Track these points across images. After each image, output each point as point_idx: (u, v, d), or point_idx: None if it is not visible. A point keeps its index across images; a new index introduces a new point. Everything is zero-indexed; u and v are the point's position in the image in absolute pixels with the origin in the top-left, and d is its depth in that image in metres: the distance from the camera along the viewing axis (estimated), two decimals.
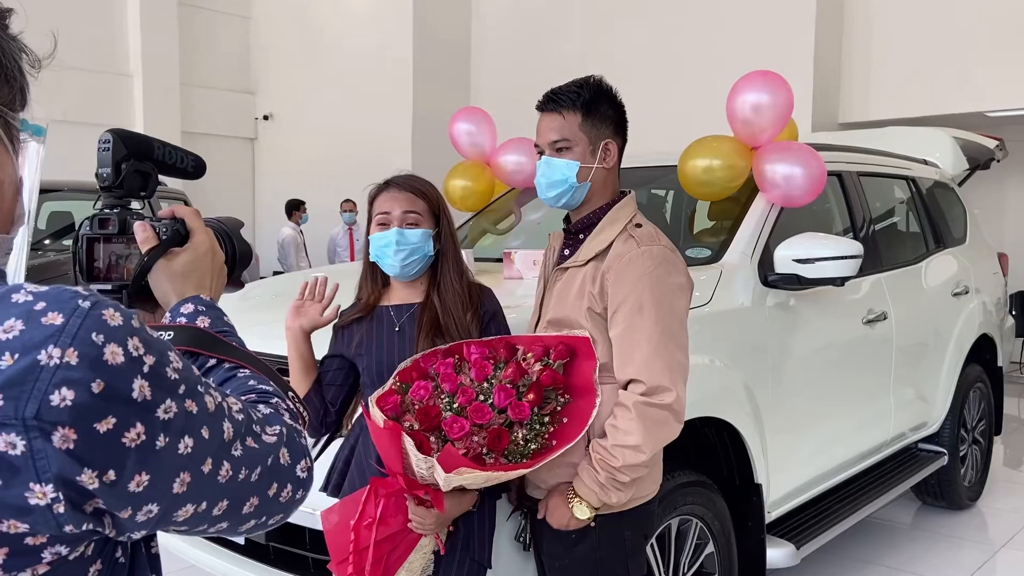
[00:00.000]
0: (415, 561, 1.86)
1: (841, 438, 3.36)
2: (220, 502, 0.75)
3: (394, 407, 1.77)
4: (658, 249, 1.88)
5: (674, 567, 2.49)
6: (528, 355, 1.83)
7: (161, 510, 0.70)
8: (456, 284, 2.00)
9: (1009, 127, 7.46)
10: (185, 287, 1.01)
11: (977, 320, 4.39)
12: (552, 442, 1.77)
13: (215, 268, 1.05)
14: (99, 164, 1.02)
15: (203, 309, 0.99)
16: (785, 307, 2.98)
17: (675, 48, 8.49)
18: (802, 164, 2.97)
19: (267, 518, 0.83)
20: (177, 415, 0.69)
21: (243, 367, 0.95)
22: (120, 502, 0.67)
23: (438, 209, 2.03)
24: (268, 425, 0.82)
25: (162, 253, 1.01)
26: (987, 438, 4.71)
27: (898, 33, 7.79)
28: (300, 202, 9.71)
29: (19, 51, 0.79)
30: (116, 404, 0.65)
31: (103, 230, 1.02)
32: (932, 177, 4.56)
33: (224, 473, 0.74)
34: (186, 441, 0.70)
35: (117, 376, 0.65)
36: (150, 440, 0.67)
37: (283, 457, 0.82)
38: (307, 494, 0.87)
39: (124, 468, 0.65)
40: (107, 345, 0.65)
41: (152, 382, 0.67)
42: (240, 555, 2.46)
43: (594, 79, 1.97)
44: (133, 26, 10.32)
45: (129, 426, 0.65)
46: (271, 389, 0.93)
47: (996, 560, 3.92)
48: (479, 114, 4.08)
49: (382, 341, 2.01)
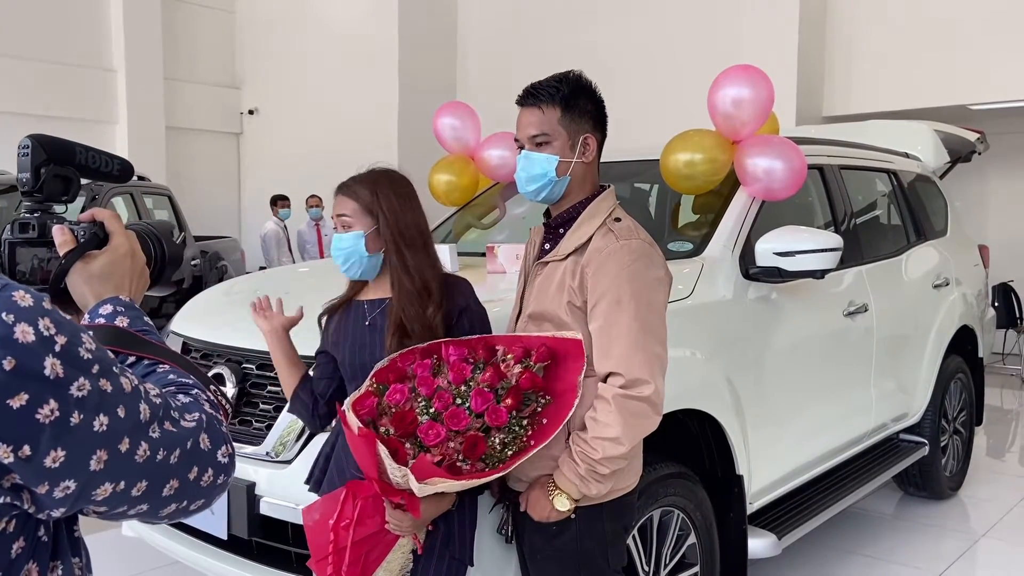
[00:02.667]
0: (393, 561, 1.87)
1: (822, 429, 3.39)
2: (139, 482, 0.77)
3: (370, 411, 1.76)
4: (637, 243, 1.89)
5: (656, 558, 2.51)
6: (508, 356, 1.82)
7: (79, 487, 0.72)
8: (406, 280, 1.96)
9: (990, 120, 7.51)
10: (103, 289, 1.02)
11: (958, 312, 4.43)
12: (530, 443, 1.77)
13: (135, 270, 1.06)
14: (18, 169, 1.04)
15: (122, 310, 1.00)
16: (766, 300, 3.00)
17: (659, 43, 8.50)
18: (783, 158, 2.99)
19: (188, 503, 0.85)
20: (91, 393, 0.71)
21: (162, 363, 0.97)
22: (36, 477, 0.69)
23: (375, 207, 1.99)
24: (187, 412, 0.85)
25: (79, 256, 1.02)
26: (968, 428, 4.76)
27: (880, 27, 7.83)
28: (281, 196, 9.68)
29: None
30: (28, 381, 0.67)
31: (24, 234, 1.04)
32: (913, 170, 4.60)
33: (142, 453, 0.76)
34: (101, 419, 0.72)
35: (28, 354, 0.67)
36: (64, 416, 0.69)
37: (203, 442, 0.84)
38: (229, 479, 0.89)
39: (39, 443, 0.68)
40: (17, 324, 0.67)
41: (64, 360, 0.69)
42: (222, 550, 2.46)
43: (573, 74, 1.98)
44: (116, 21, 10.24)
45: (42, 402, 0.67)
46: (191, 381, 0.95)
47: (977, 549, 3.97)
48: (463, 108, 4.08)
49: (354, 335, 2.04)
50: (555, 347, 1.85)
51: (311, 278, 3.49)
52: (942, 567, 3.74)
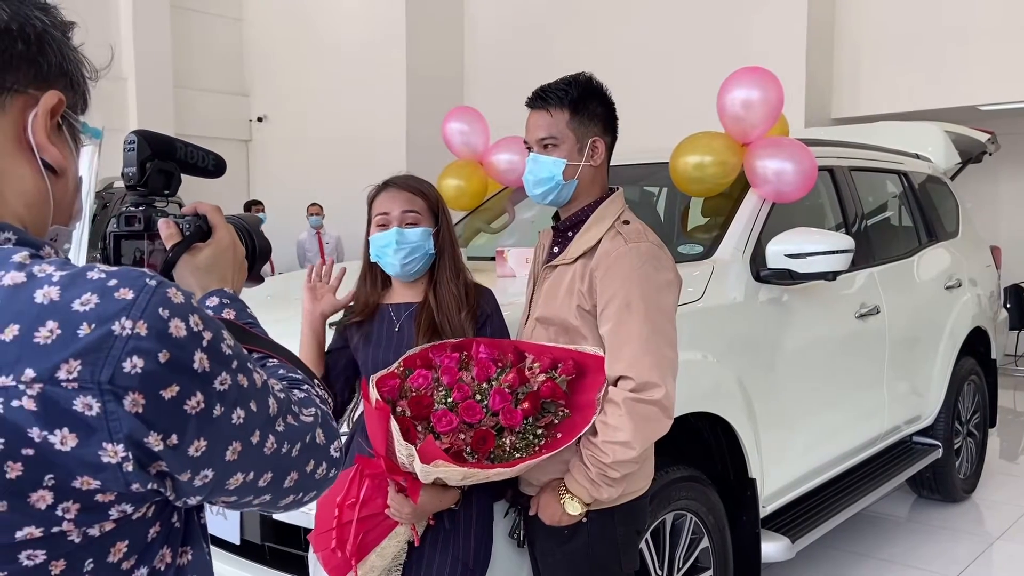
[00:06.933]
0: (388, 547, 1.88)
1: (835, 432, 3.37)
2: (265, 473, 0.81)
3: (391, 390, 1.79)
4: (645, 245, 1.89)
5: (669, 562, 2.50)
6: (535, 364, 1.83)
7: (215, 476, 0.75)
8: (452, 284, 2.00)
9: (1001, 120, 7.47)
10: (209, 281, 1.05)
11: (970, 313, 4.40)
12: (541, 451, 1.77)
13: (236, 262, 1.10)
14: (124, 164, 1.06)
15: (228, 302, 1.04)
16: (777, 302, 2.99)
17: (668, 45, 8.49)
18: (793, 160, 2.98)
19: (303, 494, 0.88)
20: (231, 387, 0.75)
21: (272, 357, 0.99)
22: (181, 465, 0.72)
23: (437, 208, 2.03)
24: (304, 407, 0.88)
25: (186, 248, 1.05)
26: (982, 430, 4.72)
27: (889, 28, 7.80)
28: (255, 202, 9.63)
29: (81, 61, 0.86)
30: (179, 374, 0.70)
31: (129, 227, 1.07)
32: (924, 171, 4.58)
33: (270, 446, 0.80)
34: (238, 412, 0.75)
35: (180, 348, 0.70)
36: (208, 408, 0.72)
37: (319, 436, 0.88)
38: (338, 472, 0.93)
39: (185, 433, 0.71)
40: (172, 320, 0.70)
41: (210, 355, 0.73)
42: (236, 555, 2.46)
43: (583, 76, 1.98)
44: (126, 29, 10.30)
45: (191, 394, 0.71)
46: (301, 377, 0.98)
47: (992, 552, 3.94)
48: (471, 113, 4.09)
49: (381, 339, 2.02)
50: (582, 361, 1.86)
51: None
52: (956, 570, 3.71)
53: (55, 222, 0.84)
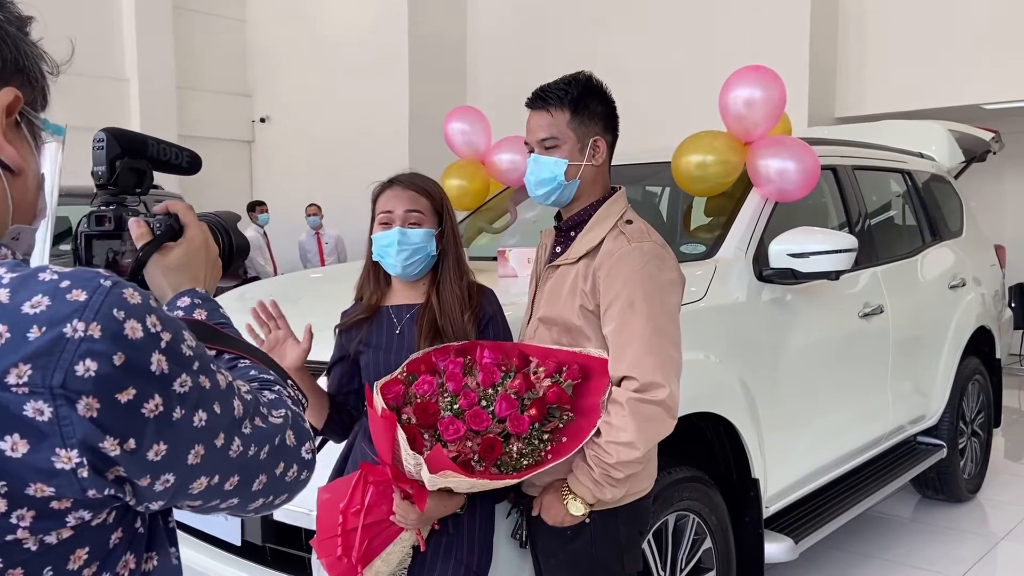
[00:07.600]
0: (393, 553, 1.87)
1: (838, 432, 3.35)
2: (231, 477, 0.79)
3: (396, 397, 1.77)
4: (648, 245, 1.88)
5: (671, 563, 2.49)
6: (540, 369, 1.82)
7: (177, 480, 0.74)
8: (456, 286, 1.97)
9: (1005, 119, 7.45)
10: (180, 280, 1.04)
11: (974, 312, 4.39)
12: (547, 457, 1.76)
13: (209, 261, 1.08)
14: (94, 162, 1.05)
15: (199, 302, 1.02)
16: (781, 302, 2.98)
17: (670, 44, 8.48)
18: (795, 158, 2.97)
19: (274, 497, 0.87)
20: (192, 389, 0.73)
21: (243, 357, 0.98)
22: (140, 470, 0.71)
23: (442, 208, 2.01)
24: (274, 408, 0.87)
25: (156, 247, 1.03)
26: (986, 430, 4.70)
27: (893, 26, 7.78)
28: (259, 202, 9.58)
29: (39, 56, 0.84)
30: (136, 376, 0.69)
31: (100, 227, 1.05)
32: (928, 170, 4.56)
33: (235, 448, 0.78)
34: (200, 415, 0.74)
35: (137, 350, 0.69)
36: (167, 411, 0.71)
37: (289, 438, 0.86)
38: (311, 475, 0.91)
39: (143, 437, 0.70)
40: (127, 321, 0.69)
41: (169, 357, 0.71)
42: (236, 556, 2.45)
43: (583, 75, 1.96)
44: (128, 30, 10.32)
45: (148, 397, 0.69)
46: (272, 377, 0.96)
47: (996, 552, 3.92)
48: (473, 113, 4.08)
49: (382, 342, 2.00)
50: (586, 365, 1.84)
51: (327, 284, 3.49)
52: (961, 571, 3.70)
53: (16, 221, 0.82)
